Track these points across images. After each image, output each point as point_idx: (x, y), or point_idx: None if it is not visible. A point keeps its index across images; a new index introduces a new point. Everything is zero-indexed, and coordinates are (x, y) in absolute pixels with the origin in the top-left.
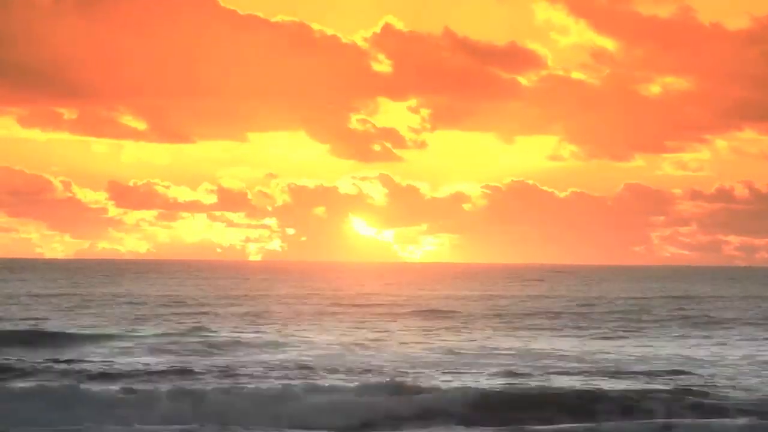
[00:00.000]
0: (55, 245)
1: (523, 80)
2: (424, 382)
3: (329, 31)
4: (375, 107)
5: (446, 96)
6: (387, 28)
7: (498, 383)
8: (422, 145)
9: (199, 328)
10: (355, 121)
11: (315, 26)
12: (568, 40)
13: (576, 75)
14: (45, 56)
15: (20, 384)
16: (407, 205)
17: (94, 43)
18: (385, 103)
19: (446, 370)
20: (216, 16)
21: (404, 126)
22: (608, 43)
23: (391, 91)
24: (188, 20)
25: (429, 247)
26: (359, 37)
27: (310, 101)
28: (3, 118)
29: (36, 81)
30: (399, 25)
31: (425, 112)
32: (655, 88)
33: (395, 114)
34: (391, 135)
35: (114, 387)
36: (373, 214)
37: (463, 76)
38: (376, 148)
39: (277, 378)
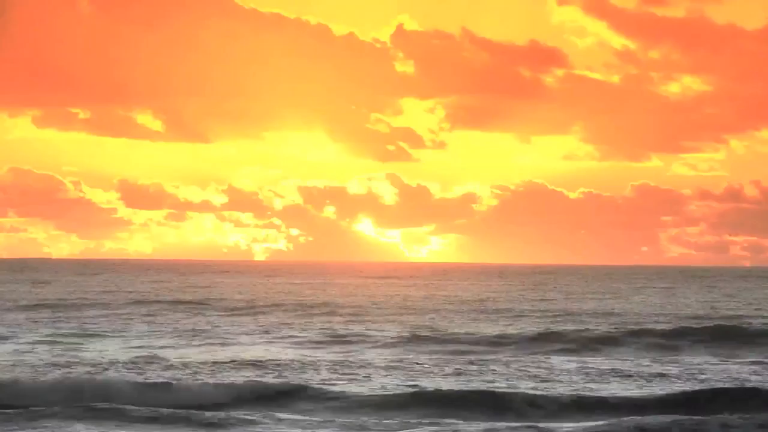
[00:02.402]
0: (62, 245)
1: (544, 80)
2: None
3: (345, 30)
4: (394, 107)
5: (466, 96)
6: (402, 27)
7: None
8: (441, 145)
9: None
10: (372, 121)
11: (332, 26)
12: (586, 41)
13: (595, 75)
14: (61, 57)
15: None
16: (416, 206)
17: (110, 43)
18: (404, 102)
19: None
20: (234, 16)
21: (423, 126)
22: (627, 44)
23: (410, 91)
24: (206, 20)
25: (435, 247)
26: (375, 37)
27: (328, 101)
28: (19, 119)
29: (52, 81)
30: (413, 24)
31: (444, 112)
32: (674, 88)
33: (414, 114)
34: (409, 135)
35: None
36: (382, 214)
37: (484, 76)
38: (392, 148)
39: None
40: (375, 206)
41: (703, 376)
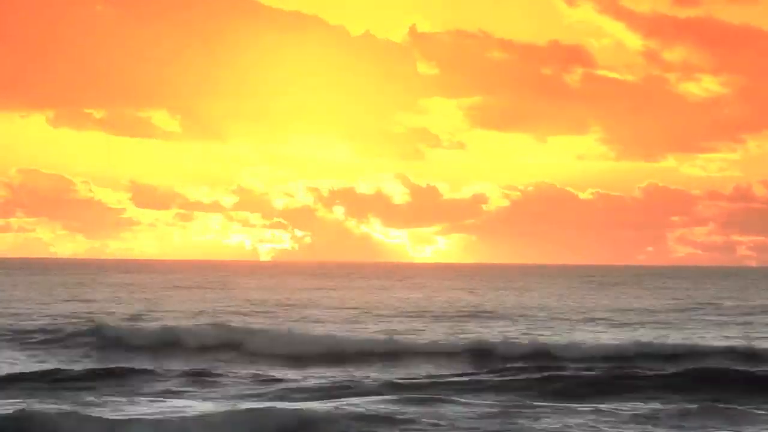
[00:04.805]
0: (67, 245)
1: (563, 81)
2: None
3: (360, 30)
4: (409, 107)
5: (485, 96)
6: (415, 28)
7: None
8: (458, 145)
9: None
10: (386, 122)
11: (347, 25)
12: (602, 42)
13: (613, 75)
14: (75, 57)
15: None
16: (425, 206)
17: (125, 42)
18: (420, 103)
19: None
20: (252, 14)
21: (439, 127)
22: (646, 44)
23: (427, 91)
24: (222, 19)
25: (441, 247)
26: (389, 37)
27: (342, 101)
28: (32, 119)
29: (66, 81)
30: (426, 25)
31: (462, 113)
32: (692, 89)
33: (430, 114)
34: (425, 136)
35: None
36: (390, 214)
37: (503, 77)
38: (405, 148)
39: None
40: (383, 206)
41: None
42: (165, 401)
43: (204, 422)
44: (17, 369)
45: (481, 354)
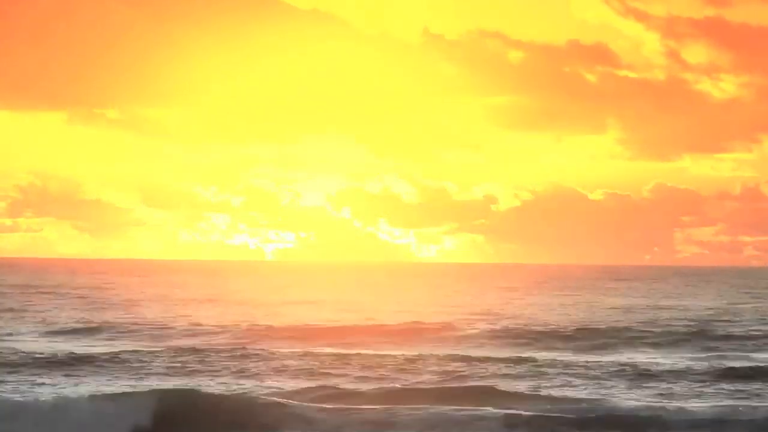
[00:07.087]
0: (73, 245)
1: (581, 81)
2: None
3: (374, 30)
4: (426, 108)
5: (501, 97)
6: (434, 28)
7: None
8: (475, 146)
9: None
10: (398, 122)
11: (360, 25)
12: (622, 42)
13: (633, 75)
14: (87, 56)
15: None
16: (434, 207)
17: (137, 42)
18: (439, 103)
19: None
20: (266, 13)
21: (457, 127)
22: (665, 44)
23: (446, 91)
24: (235, 18)
25: (448, 247)
26: (406, 37)
27: (353, 101)
28: (43, 120)
29: (79, 81)
30: (443, 25)
31: (481, 113)
32: (711, 88)
33: (448, 115)
34: (440, 136)
35: None
36: (398, 214)
37: (520, 77)
38: (421, 149)
39: None
40: (392, 207)
41: None
42: None
43: None
44: None
45: None
